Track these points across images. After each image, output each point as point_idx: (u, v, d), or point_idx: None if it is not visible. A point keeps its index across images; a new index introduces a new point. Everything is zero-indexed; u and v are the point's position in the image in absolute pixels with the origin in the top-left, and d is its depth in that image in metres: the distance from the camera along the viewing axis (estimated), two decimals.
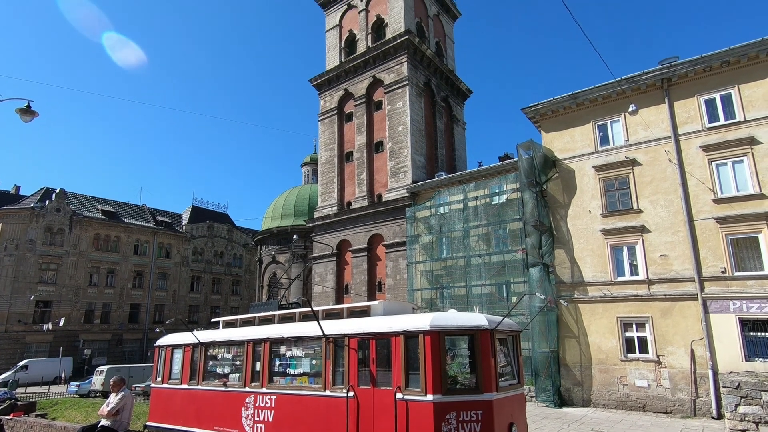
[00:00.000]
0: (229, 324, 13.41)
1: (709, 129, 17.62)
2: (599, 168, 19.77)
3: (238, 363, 11.43)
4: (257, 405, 10.40)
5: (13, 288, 39.26)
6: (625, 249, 18.74)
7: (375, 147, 31.94)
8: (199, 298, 53.14)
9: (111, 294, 45.46)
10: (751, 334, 15.77)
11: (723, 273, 16.41)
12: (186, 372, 12.54)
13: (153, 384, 14.02)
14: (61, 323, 35.39)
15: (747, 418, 13.86)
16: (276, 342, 10.64)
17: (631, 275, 18.42)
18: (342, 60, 34.97)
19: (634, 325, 18.06)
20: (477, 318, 8.73)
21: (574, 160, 20.65)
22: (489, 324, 8.50)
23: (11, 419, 18.46)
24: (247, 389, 10.72)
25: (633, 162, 18.99)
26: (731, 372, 15.54)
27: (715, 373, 15.91)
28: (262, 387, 10.46)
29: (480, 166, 26.27)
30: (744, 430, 13.65)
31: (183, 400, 12.40)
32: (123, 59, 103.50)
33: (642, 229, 18.32)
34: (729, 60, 17.42)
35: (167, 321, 44.02)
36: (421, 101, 31.72)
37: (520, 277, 21.21)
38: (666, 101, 18.64)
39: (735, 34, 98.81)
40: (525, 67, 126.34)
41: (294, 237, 36.99)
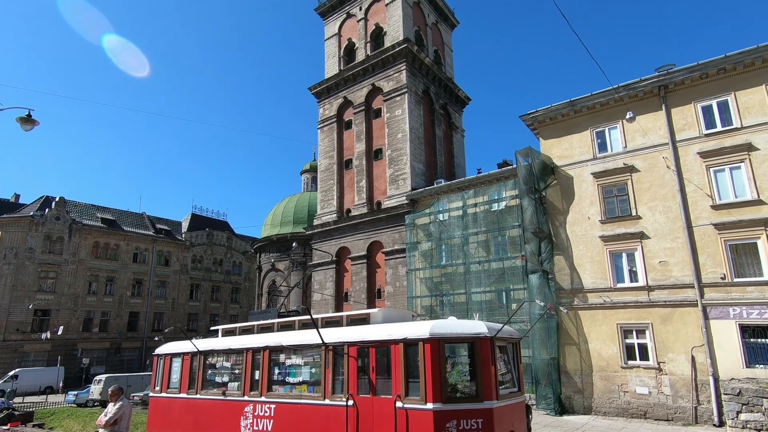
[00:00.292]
0: (228, 332, 13.37)
1: (707, 135, 17.71)
2: (598, 174, 19.84)
3: (237, 371, 11.39)
4: (256, 414, 10.35)
5: (12, 296, 39.13)
6: (625, 255, 18.75)
7: (374, 154, 32.02)
8: (198, 306, 52.96)
9: (110, 302, 45.30)
10: (752, 340, 15.73)
11: (722, 279, 16.41)
12: (185, 381, 12.48)
13: (151, 393, 13.96)
14: (60, 332, 35.24)
15: (749, 425, 13.81)
16: (275, 350, 10.61)
17: (631, 282, 18.41)
18: (341, 68, 35.17)
19: (634, 332, 18.02)
20: (477, 325, 8.73)
21: (572, 166, 20.72)
22: (489, 331, 8.49)
23: (8, 429, 18.33)
24: (246, 398, 10.68)
25: (631, 168, 19.06)
26: (732, 379, 15.50)
27: (716, 380, 15.85)
28: (261, 396, 10.41)
29: (479, 173, 26.33)
30: None
31: (181, 409, 12.34)
32: (124, 62, 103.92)
33: (641, 236, 18.34)
34: (725, 67, 17.56)
35: (166, 329, 43.84)
36: (420, 109, 31.87)
37: (519, 284, 21.18)
38: (663, 108, 18.75)
39: (731, 41, 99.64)
40: (523, 75, 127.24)
41: (293, 244, 37.00)
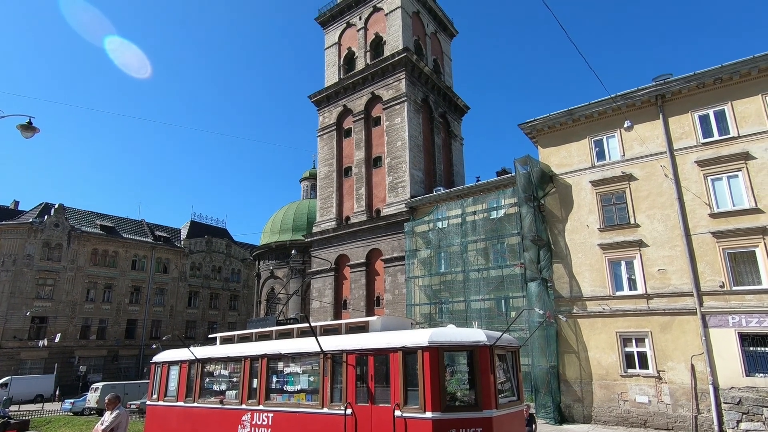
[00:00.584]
0: (227, 340, 13.32)
1: (704, 144, 17.82)
2: (596, 183, 19.91)
3: (234, 380, 11.33)
4: (254, 423, 10.28)
5: (10, 303, 38.95)
6: (623, 263, 18.76)
7: (373, 162, 32.13)
8: (197, 313, 52.74)
9: (108, 309, 45.10)
10: (751, 348, 15.71)
11: (721, 287, 16.41)
12: (182, 389, 12.41)
13: (148, 401, 13.87)
14: (57, 339, 35.05)
15: None
16: (273, 358, 10.57)
17: (630, 290, 18.40)
18: (341, 77, 35.41)
19: (633, 340, 17.98)
20: (476, 333, 8.70)
21: (570, 175, 20.80)
22: (488, 339, 8.47)
23: None
24: (244, 407, 10.61)
25: (629, 177, 19.14)
26: (732, 387, 15.45)
27: (716, 389, 15.80)
28: (259, 404, 10.35)
29: (478, 181, 26.43)
30: None
31: (179, 417, 12.25)
32: (126, 64, 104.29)
33: (639, 244, 18.37)
34: (721, 77, 17.71)
35: (164, 337, 43.60)
36: (419, 117, 32.04)
37: (518, 292, 21.17)
38: (661, 117, 18.88)
39: (728, 51, 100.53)
40: (522, 83, 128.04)
41: (292, 252, 36.92)
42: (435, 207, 26.04)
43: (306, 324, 10.67)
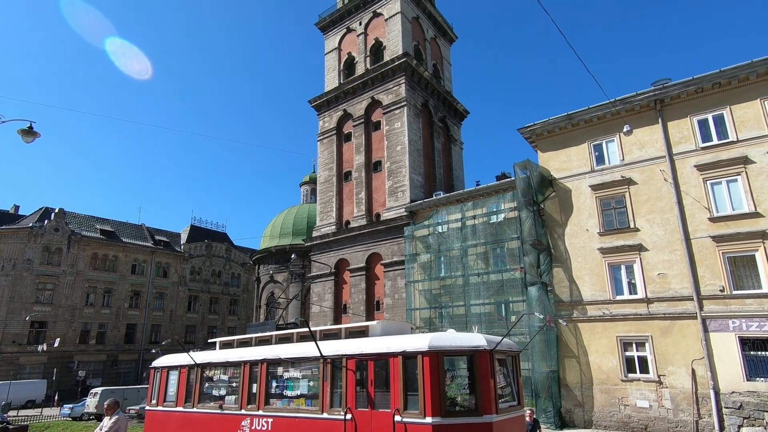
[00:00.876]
0: (226, 345, 13.30)
1: (703, 149, 17.86)
2: (595, 187, 19.94)
3: (234, 385, 11.30)
4: (253, 428, 10.25)
5: (9, 308, 38.88)
6: (623, 268, 18.76)
7: (373, 166, 32.19)
8: (196, 318, 52.64)
9: (107, 314, 45.02)
10: (752, 353, 15.68)
11: (721, 291, 16.40)
12: (181, 394, 12.38)
13: (148, 406, 13.82)
14: (56, 344, 34.91)
15: None
16: (273, 363, 10.55)
17: (630, 294, 18.39)
18: (341, 81, 35.53)
19: (634, 345, 17.94)
20: (476, 338, 8.69)
21: (570, 179, 20.83)
22: (488, 344, 8.46)
23: None
24: (244, 412, 10.59)
25: (629, 181, 19.17)
26: (733, 392, 15.41)
27: (717, 394, 15.75)
28: (258, 409, 10.33)
29: (477, 185, 26.45)
30: None
31: (178, 423, 12.21)
32: (126, 65, 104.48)
33: (639, 248, 18.37)
34: (720, 81, 17.78)
35: (163, 342, 43.49)
36: (419, 122, 32.13)
37: (518, 296, 21.15)
38: (660, 121, 18.93)
39: (726, 55, 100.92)
40: (521, 88, 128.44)
41: (292, 256, 36.92)
42: (435, 211, 26.06)
43: (306, 329, 10.66)
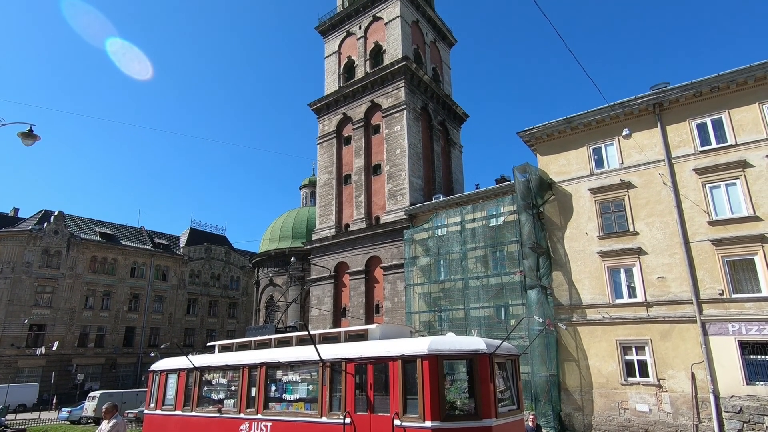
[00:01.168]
0: (225, 348, 13.28)
1: (702, 152, 17.90)
2: (595, 190, 19.97)
3: (233, 388, 11.29)
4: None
5: (8, 311, 38.80)
6: (623, 271, 18.76)
7: (373, 170, 32.21)
8: (196, 321, 52.54)
9: (106, 317, 44.92)
10: (751, 357, 15.66)
11: (720, 295, 16.40)
12: (180, 398, 12.36)
13: (146, 410, 13.80)
14: (54, 347, 34.86)
15: None
16: (272, 367, 10.54)
17: (629, 297, 18.38)
18: (341, 85, 35.61)
19: (633, 348, 17.92)
20: (475, 342, 8.69)
21: (569, 182, 20.86)
22: (487, 348, 8.46)
23: None
24: (242, 415, 10.57)
25: (628, 185, 19.20)
26: (733, 396, 15.39)
27: (717, 398, 15.73)
28: (257, 413, 10.31)
29: (477, 188, 26.46)
30: None
31: (176, 426, 12.18)
32: (127, 66, 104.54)
33: (639, 251, 18.38)
34: (718, 86, 17.84)
35: (162, 345, 43.34)
36: (419, 125, 32.18)
37: (518, 300, 21.13)
38: (658, 125, 18.98)
39: (724, 60, 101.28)
40: (521, 92, 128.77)
41: (292, 259, 36.89)
42: (434, 214, 26.06)
43: (305, 332, 10.65)
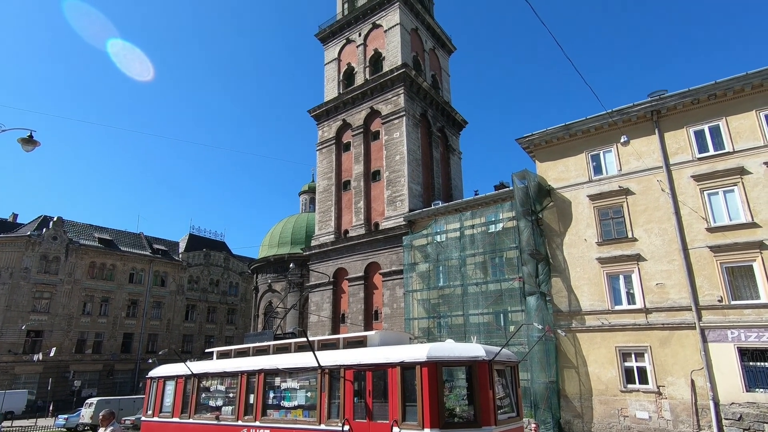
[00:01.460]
0: (224, 354, 13.24)
1: (700, 159, 17.98)
2: (593, 197, 20.02)
3: (231, 395, 11.24)
4: None
5: (5, 317, 38.64)
6: (622, 277, 18.77)
7: (372, 176, 32.28)
8: (194, 327, 52.33)
9: (104, 323, 44.74)
10: (751, 363, 15.64)
11: (719, 302, 16.40)
12: (178, 404, 12.30)
13: (144, 417, 13.72)
14: (52, 353, 34.63)
15: None
16: (270, 373, 10.51)
17: (629, 304, 18.37)
18: (340, 91, 35.77)
19: (633, 355, 17.89)
20: (474, 348, 8.69)
21: (568, 189, 20.92)
22: (487, 354, 8.45)
23: None
24: (240, 423, 10.52)
25: (626, 191, 19.26)
26: (732, 403, 15.35)
27: (717, 405, 15.68)
28: (255, 420, 10.26)
29: (476, 194, 26.51)
30: None
31: None
32: (128, 67, 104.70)
33: (637, 258, 18.40)
34: (716, 93, 17.96)
35: (160, 351, 43.24)
36: (418, 131, 32.30)
37: (517, 306, 21.10)
38: (656, 132, 19.08)
39: (722, 67, 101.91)
40: (519, 99, 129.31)
41: (290, 265, 36.82)
42: (433, 221, 26.09)
43: (304, 338, 10.62)
